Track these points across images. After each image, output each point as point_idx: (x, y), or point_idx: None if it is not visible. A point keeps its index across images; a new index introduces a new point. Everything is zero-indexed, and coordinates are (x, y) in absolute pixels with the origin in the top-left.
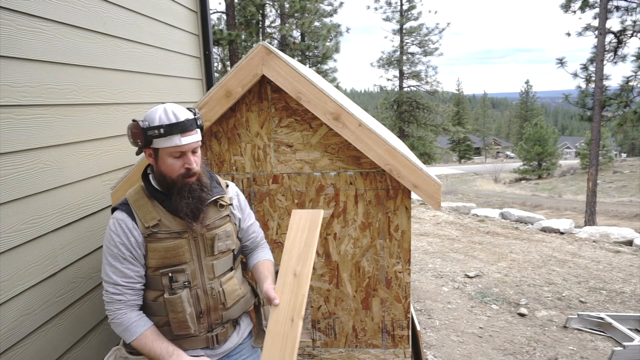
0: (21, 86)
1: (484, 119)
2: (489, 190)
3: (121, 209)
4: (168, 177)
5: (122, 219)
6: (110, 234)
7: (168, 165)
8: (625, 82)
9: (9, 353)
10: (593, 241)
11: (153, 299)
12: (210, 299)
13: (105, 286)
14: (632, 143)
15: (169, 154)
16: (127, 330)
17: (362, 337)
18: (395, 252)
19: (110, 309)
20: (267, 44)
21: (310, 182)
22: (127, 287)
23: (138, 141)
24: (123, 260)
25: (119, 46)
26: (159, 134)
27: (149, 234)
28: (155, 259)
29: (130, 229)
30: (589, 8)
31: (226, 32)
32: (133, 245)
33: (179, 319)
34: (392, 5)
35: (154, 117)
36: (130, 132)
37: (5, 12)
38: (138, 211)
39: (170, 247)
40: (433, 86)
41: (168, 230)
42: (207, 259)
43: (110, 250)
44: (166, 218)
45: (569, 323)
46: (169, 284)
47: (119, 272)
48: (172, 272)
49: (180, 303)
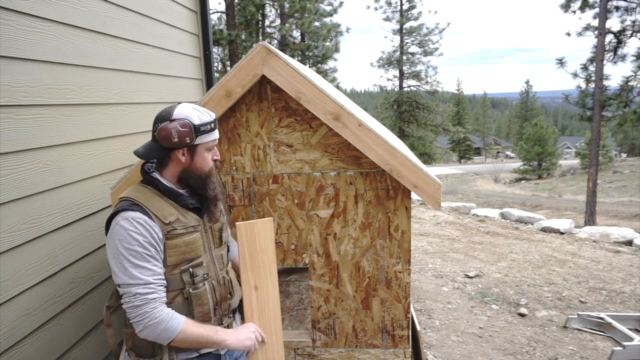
0: (21, 86)
1: (484, 119)
2: (489, 190)
3: (132, 209)
4: (200, 173)
5: (140, 217)
6: (130, 235)
7: (205, 159)
8: (625, 82)
9: (9, 353)
10: (593, 241)
11: (170, 301)
12: (223, 288)
13: (133, 290)
14: (632, 143)
15: (207, 148)
16: (168, 327)
17: (362, 337)
18: (395, 252)
19: (145, 311)
20: (267, 44)
21: (310, 182)
22: (158, 285)
23: (187, 139)
24: (150, 258)
25: (119, 46)
26: (210, 128)
27: (169, 230)
28: (175, 256)
29: (151, 225)
30: (588, 8)
31: (226, 32)
32: (157, 241)
33: (204, 312)
34: (392, 5)
35: (190, 114)
36: (177, 131)
37: (5, 12)
38: (153, 209)
39: (189, 241)
40: (433, 86)
41: (185, 225)
42: (216, 250)
43: (133, 251)
44: (181, 214)
45: (569, 323)
46: (190, 279)
47: (148, 271)
48: (192, 266)
49: (206, 295)
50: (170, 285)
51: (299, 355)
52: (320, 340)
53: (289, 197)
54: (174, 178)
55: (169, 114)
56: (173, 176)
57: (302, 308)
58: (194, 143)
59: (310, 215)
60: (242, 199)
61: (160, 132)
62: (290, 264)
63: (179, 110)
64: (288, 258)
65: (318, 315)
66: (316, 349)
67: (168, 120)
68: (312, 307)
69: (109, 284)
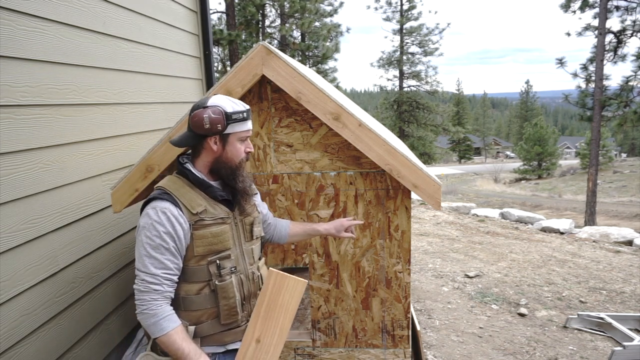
0: (21, 86)
1: (484, 119)
2: (489, 190)
3: (162, 198)
4: (231, 163)
5: (167, 207)
6: (153, 224)
7: (237, 149)
8: (625, 82)
9: (9, 353)
10: (593, 241)
11: (196, 292)
12: (252, 284)
13: (141, 275)
14: (632, 143)
15: (239, 139)
16: (158, 324)
17: (362, 337)
18: (395, 252)
19: (145, 299)
20: (267, 44)
21: (310, 182)
22: (165, 278)
23: (218, 126)
24: (165, 250)
25: (119, 46)
26: (242, 117)
27: (196, 220)
28: (203, 246)
29: (176, 216)
30: (588, 8)
31: (226, 32)
32: (179, 234)
33: (229, 306)
34: (392, 5)
35: (223, 103)
36: (209, 118)
37: (5, 12)
38: (182, 199)
39: (217, 232)
40: (433, 86)
41: (213, 217)
42: (246, 244)
43: (151, 241)
44: (210, 205)
45: (569, 323)
46: (217, 271)
47: (158, 264)
48: (219, 258)
49: (232, 288)
50: (198, 276)
51: (299, 355)
52: (320, 340)
53: (289, 197)
54: (206, 168)
55: (203, 102)
56: (205, 166)
57: (302, 308)
58: (225, 131)
59: (310, 215)
60: None
61: (193, 119)
62: (290, 264)
63: (214, 99)
64: (288, 258)
65: (318, 315)
66: (316, 349)
67: (202, 107)
68: (312, 307)
69: (109, 284)
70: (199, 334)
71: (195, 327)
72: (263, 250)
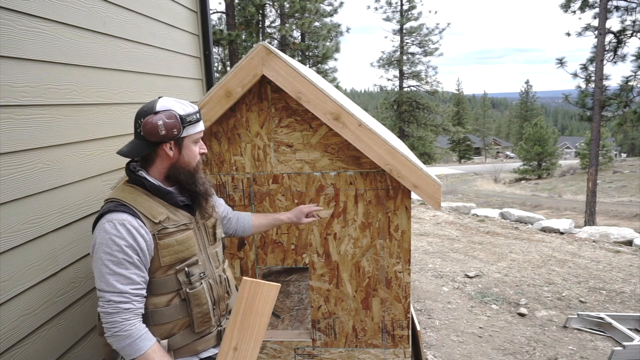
0: (21, 86)
1: (484, 119)
2: (489, 190)
3: (118, 210)
4: (189, 167)
5: (125, 219)
6: (112, 238)
7: (193, 152)
8: (625, 82)
9: (9, 353)
10: (593, 241)
11: (166, 304)
12: (220, 287)
13: (107, 296)
14: (632, 143)
15: (194, 141)
16: (134, 344)
17: (362, 337)
18: (395, 252)
19: (116, 320)
20: (267, 44)
21: (310, 182)
22: (135, 295)
23: (174, 131)
24: (129, 265)
25: (119, 46)
26: (196, 119)
27: (160, 229)
28: (169, 255)
29: (137, 227)
30: (588, 8)
31: (226, 32)
32: (141, 247)
33: (203, 312)
34: (392, 5)
35: (173, 106)
36: (164, 123)
37: (5, 12)
38: (140, 208)
39: (183, 239)
40: (433, 86)
41: (176, 224)
42: (211, 248)
43: (113, 257)
44: (171, 212)
45: (569, 323)
46: (186, 279)
47: (125, 280)
48: (187, 265)
49: (204, 294)
50: (166, 287)
51: (299, 355)
52: (320, 340)
53: (289, 197)
54: (161, 175)
55: (151, 108)
56: (160, 173)
57: (302, 308)
58: (181, 135)
59: None
60: (242, 199)
61: (145, 127)
62: (290, 264)
63: (162, 103)
64: (288, 258)
65: (318, 315)
66: (316, 349)
67: (152, 113)
68: (312, 307)
69: None
70: (172, 346)
71: (168, 340)
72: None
